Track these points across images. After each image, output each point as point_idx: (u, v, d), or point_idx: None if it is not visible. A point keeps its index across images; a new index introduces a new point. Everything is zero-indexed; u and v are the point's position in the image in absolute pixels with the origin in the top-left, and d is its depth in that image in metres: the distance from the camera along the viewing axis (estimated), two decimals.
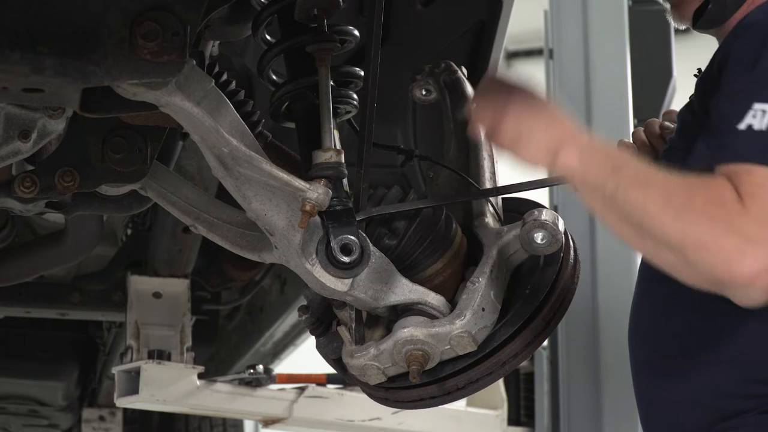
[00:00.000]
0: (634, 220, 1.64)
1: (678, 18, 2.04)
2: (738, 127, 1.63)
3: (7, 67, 1.66)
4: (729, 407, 1.77)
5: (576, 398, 4.28)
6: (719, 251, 1.56)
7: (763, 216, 1.56)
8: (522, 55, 12.31)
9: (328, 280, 1.93)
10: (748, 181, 1.59)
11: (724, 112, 1.69)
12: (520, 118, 1.77)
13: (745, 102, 1.64)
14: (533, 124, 1.76)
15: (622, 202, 1.65)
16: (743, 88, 1.67)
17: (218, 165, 1.92)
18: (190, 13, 1.72)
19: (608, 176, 1.68)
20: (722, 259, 1.56)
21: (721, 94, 1.72)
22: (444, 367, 1.97)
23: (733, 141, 1.64)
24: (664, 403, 1.87)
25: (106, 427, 5.53)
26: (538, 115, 1.77)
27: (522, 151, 1.77)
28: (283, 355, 4.75)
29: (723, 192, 1.60)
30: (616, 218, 1.68)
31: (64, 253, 3.05)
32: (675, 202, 1.61)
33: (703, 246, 1.57)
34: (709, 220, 1.58)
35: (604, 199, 1.68)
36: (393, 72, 2.43)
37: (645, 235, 1.64)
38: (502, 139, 1.79)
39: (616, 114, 4.41)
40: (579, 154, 1.72)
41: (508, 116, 1.77)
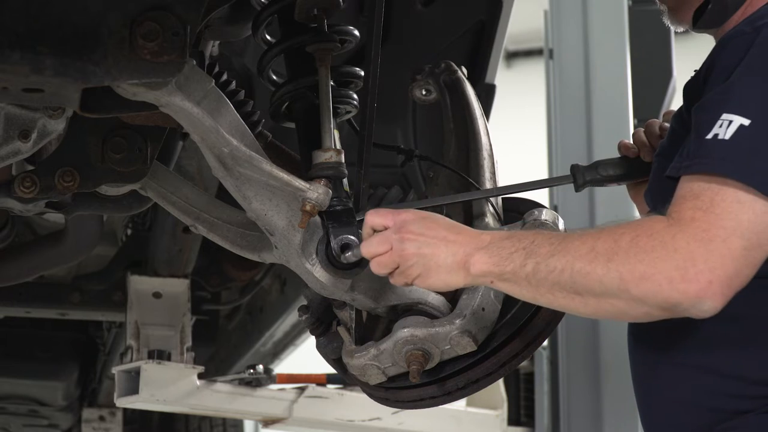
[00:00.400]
0: (567, 286, 1.65)
1: (676, 21, 2.04)
2: (705, 137, 1.65)
3: (7, 67, 1.66)
4: (729, 407, 1.77)
5: (576, 398, 4.28)
6: (660, 277, 1.58)
7: (700, 234, 1.58)
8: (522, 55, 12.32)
9: (328, 280, 1.93)
10: (692, 206, 1.61)
11: (697, 122, 1.71)
12: (418, 251, 1.76)
13: (715, 112, 1.66)
14: (433, 251, 1.75)
15: (548, 274, 1.66)
16: (716, 99, 1.68)
17: (218, 165, 1.92)
18: (190, 13, 1.72)
19: (524, 260, 1.68)
20: (665, 282, 1.58)
21: (698, 104, 1.73)
22: (444, 367, 1.97)
23: (698, 150, 1.66)
24: (664, 403, 1.87)
25: (106, 427, 5.53)
26: (433, 238, 1.76)
27: (435, 281, 1.77)
28: (283, 355, 4.75)
29: (651, 224, 1.62)
30: (550, 293, 1.68)
31: (64, 253, 3.05)
32: (601, 250, 1.63)
33: (643, 277, 1.59)
34: (640, 253, 1.60)
35: (530, 282, 1.68)
36: (393, 72, 2.43)
37: (584, 293, 1.64)
38: (411, 278, 1.78)
39: (616, 114, 4.41)
40: (487, 256, 1.72)
41: (406, 255, 1.76)
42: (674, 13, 2.03)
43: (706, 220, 1.59)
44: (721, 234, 1.58)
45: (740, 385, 1.76)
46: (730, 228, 1.58)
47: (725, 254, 1.57)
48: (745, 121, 1.62)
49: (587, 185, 2.09)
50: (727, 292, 1.58)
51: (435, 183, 2.27)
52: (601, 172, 2.09)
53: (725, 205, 1.59)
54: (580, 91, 4.47)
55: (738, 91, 1.67)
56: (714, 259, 1.57)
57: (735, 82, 1.68)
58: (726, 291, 1.58)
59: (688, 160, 1.67)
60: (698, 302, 1.58)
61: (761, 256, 1.60)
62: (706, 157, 1.63)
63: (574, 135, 4.43)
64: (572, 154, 4.36)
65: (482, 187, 2.16)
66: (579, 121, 4.43)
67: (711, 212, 1.59)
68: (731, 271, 1.57)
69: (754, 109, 1.63)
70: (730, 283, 1.58)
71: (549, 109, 4.61)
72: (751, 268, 1.60)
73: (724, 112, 1.64)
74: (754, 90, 1.66)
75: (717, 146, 1.63)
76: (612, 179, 2.10)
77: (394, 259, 1.77)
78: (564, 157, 4.42)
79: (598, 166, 2.10)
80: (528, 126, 8.77)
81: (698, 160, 1.65)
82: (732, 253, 1.57)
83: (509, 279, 1.70)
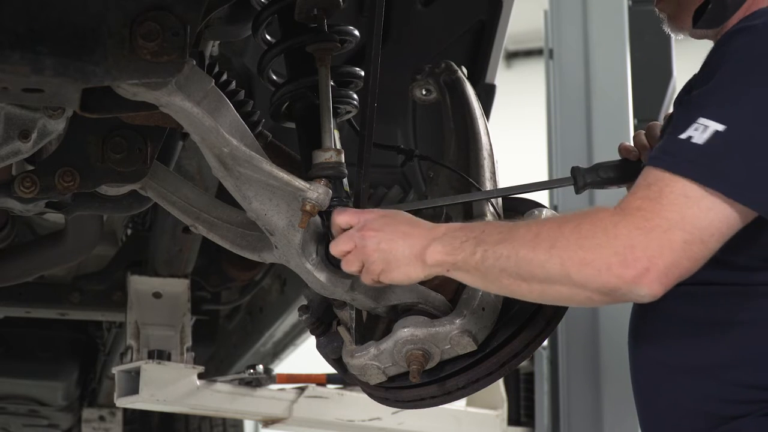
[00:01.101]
0: (513, 272, 1.69)
1: (675, 28, 2.04)
2: (678, 136, 1.66)
3: (7, 67, 1.66)
4: (726, 412, 1.77)
5: (576, 398, 4.28)
6: (600, 262, 1.61)
7: (641, 223, 1.60)
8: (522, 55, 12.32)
9: (329, 280, 1.93)
10: (641, 195, 1.64)
11: (676, 118, 1.72)
12: (378, 247, 1.81)
13: (693, 114, 1.67)
14: (391, 246, 1.80)
15: (495, 261, 1.70)
16: (696, 101, 1.70)
17: (218, 165, 1.92)
18: (190, 13, 1.72)
19: (474, 248, 1.73)
20: (604, 268, 1.61)
21: (683, 99, 1.74)
22: (444, 367, 1.97)
23: (669, 147, 1.67)
24: (662, 408, 1.87)
25: (106, 427, 5.53)
26: (392, 233, 1.81)
27: (396, 275, 1.81)
28: (283, 355, 4.75)
29: (595, 213, 1.66)
30: (498, 280, 1.72)
31: (64, 253, 3.05)
32: (544, 237, 1.66)
33: (584, 263, 1.62)
34: (581, 239, 1.63)
35: (479, 269, 1.72)
36: (393, 72, 2.43)
37: (529, 279, 1.68)
38: (376, 275, 1.82)
39: (616, 114, 4.41)
40: (441, 246, 1.76)
41: (367, 251, 1.81)
42: (673, 20, 2.03)
43: (650, 210, 1.61)
44: (663, 225, 1.60)
45: (736, 391, 1.76)
46: (673, 220, 1.60)
47: (665, 245, 1.59)
48: (720, 127, 1.64)
49: (588, 187, 2.09)
50: (665, 281, 1.60)
51: (435, 183, 2.27)
52: (601, 174, 2.09)
53: (672, 198, 1.61)
54: (580, 91, 4.47)
55: (717, 96, 1.68)
56: (653, 247, 1.59)
57: (716, 87, 1.70)
58: (663, 280, 1.60)
59: (657, 152, 1.69)
60: (635, 287, 1.60)
61: (703, 252, 1.61)
62: (675, 155, 1.65)
63: (574, 135, 4.43)
64: (572, 154, 4.37)
65: (482, 187, 2.16)
66: (579, 121, 4.43)
67: (657, 202, 1.62)
68: (669, 261, 1.59)
69: (730, 116, 1.65)
70: (667, 272, 1.60)
71: (549, 109, 4.61)
72: (692, 261, 1.61)
73: (701, 116, 1.66)
74: (734, 96, 1.67)
75: (688, 148, 1.64)
76: (612, 181, 2.10)
77: (358, 256, 1.82)
78: (564, 157, 4.42)
79: (599, 168, 2.10)
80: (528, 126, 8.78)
81: (666, 156, 1.66)
82: (672, 245, 1.59)
83: (462, 267, 1.75)
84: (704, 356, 1.80)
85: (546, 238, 1.66)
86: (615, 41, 4.49)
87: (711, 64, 1.77)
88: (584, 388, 4.26)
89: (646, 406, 1.92)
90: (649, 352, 1.89)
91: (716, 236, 1.62)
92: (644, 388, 1.92)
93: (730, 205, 1.61)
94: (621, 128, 4.35)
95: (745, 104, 1.66)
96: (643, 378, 1.92)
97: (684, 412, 1.82)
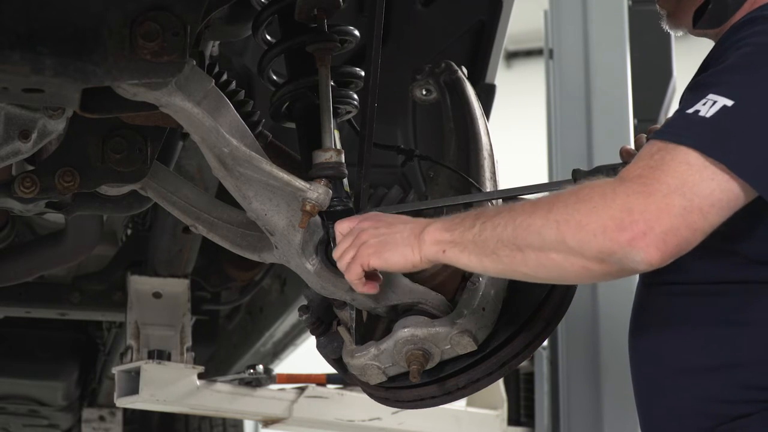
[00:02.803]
0: (509, 241, 1.66)
1: (674, 25, 2.04)
2: (686, 111, 1.65)
3: (8, 67, 1.66)
4: (728, 413, 1.76)
5: (576, 398, 4.28)
6: (595, 225, 1.57)
7: (640, 188, 1.57)
8: (522, 55, 12.33)
9: (329, 280, 1.93)
10: (643, 165, 1.61)
11: (683, 100, 1.71)
12: (376, 231, 1.80)
13: (703, 91, 1.66)
14: (391, 230, 1.79)
15: (492, 231, 1.68)
16: (705, 81, 1.69)
17: (218, 165, 1.92)
18: (190, 13, 1.72)
19: (474, 221, 1.71)
20: (600, 231, 1.57)
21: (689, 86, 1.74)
22: (444, 367, 1.97)
23: (675, 121, 1.66)
24: (663, 409, 1.87)
25: (106, 427, 5.53)
26: (392, 222, 1.81)
27: (388, 255, 1.78)
28: (283, 355, 4.75)
29: (594, 182, 1.63)
30: (494, 254, 1.69)
31: (64, 253, 3.05)
32: (542, 204, 1.65)
33: (579, 226, 1.59)
34: (578, 203, 1.60)
35: (476, 243, 1.70)
36: (393, 72, 2.44)
37: (524, 248, 1.65)
38: (367, 257, 1.79)
39: (616, 114, 4.41)
40: (440, 224, 1.75)
41: (363, 236, 1.80)
42: (673, 17, 2.03)
43: (650, 176, 1.58)
44: (663, 189, 1.57)
45: (738, 392, 1.76)
46: (673, 185, 1.57)
47: (663, 209, 1.56)
48: (728, 102, 1.62)
49: None
50: (662, 248, 1.56)
51: (435, 183, 2.27)
52: (602, 176, 2.09)
53: (674, 165, 1.59)
54: (580, 91, 4.47)
55: (727, 75, 1.67)
56: (651, 211, 1.55)
57: (728, 66, 1.69)
58: (660, 246, 1.56)
59: (663, 127, 1.68)
60: (631, 252, 1.56)
61: (702, 223, 1.58)
62: (683, 128, 1.63)
63: (574, 135, 4.43)
64: (572, 154, 4.37)
65: (482, 187, 2.16)
66: (579, 121, 4.43)
67: (658, 169, 1.59)
68: (667, 226, 1.55)
69: (740, 93, 1.63)
70: (665, 238, 1.56)
71: (549, 109, 4.61)
72: (690, 231, 1.57)
73: (710, 93, 1.64)
74: (744, 75, 1.66)
75: (695, 121, 1.62)
76: None
77: (354, 246, 1.80)
78: (564, 157, 4.42)
79: (600, 170, 2.10)
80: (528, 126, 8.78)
81: (671, 128, 1.64)
82: (670, 209, 1.56)
83: (459, 243, 1.72)
84: (707, 356, 1.79)
85: (544, 204, 1.64)
86: (615, 41, 4.49)
87: (721, 53, 1.76)
88: (584, 388, 4.26)
89: (647, 407, 1.91)
90: (649, 352, 1.89)
91: (716, 208, 1.58)
92: (645, 388, 1.91)
93: (732, 178, 1.58)
94: (621, 128, 4.35)
95: (756, 83, 1.64)
96: (644, 378, 1.91)
97: (687, 413, 1.82)
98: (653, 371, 1.88)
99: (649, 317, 1.90)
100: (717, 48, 1.82)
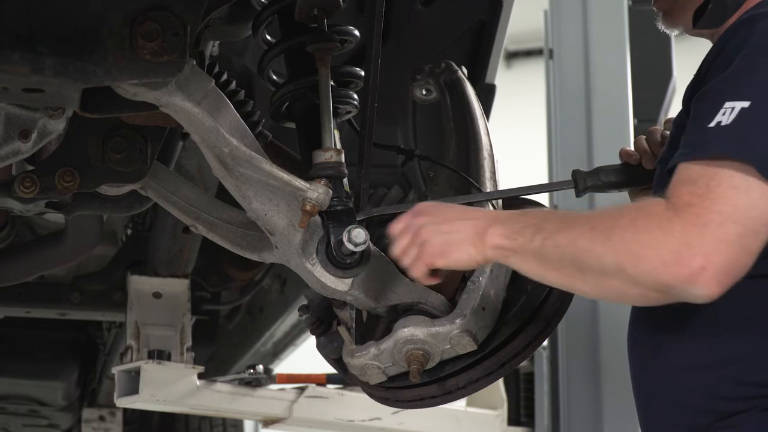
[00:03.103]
0: (569, 261, 1.66)
1: (670, 24, 2.04)
2: (707, 126, 1.65)
3: (8, 67, 1.66)
4: (725, 409, 1.77)
5: (576, 398, 4.28)
6: (656, 259, 1.58)
7: (694, 219, 1.58)
8: (522, 55, 12.33)
9: (329, 280, 1.93)
10: (688, 191, 1.61)
11: (697, 112, 1.71)
12: (439, 228, 1.78)
13: (717, 101, 1.66)
14: (453, 227, 1.78)
15: (553, 249, 1.68)
16: (717, 88, 1.69)
17: (218, 165, 1.92)
18: (190, 13, 1.72)
19: (534, 235, 1.70)
20: (660, 265, 1.58)
21: (698, 95, 1.74)
22: (444, 367, 1.97)
23: (700, 138, 1.66)
24: (661, 405, 1.87)
25: (106, 427, 5.53)
26: (450, 218, 1.79)
27: (457, 255, 1.77)
28: (283, 355, 4.75)
29: (650, 207, 1.63)
30: (555, 270, 1.69)
31: (64, 253, 3.05)
32: (601, 228, 1.64)
33: (639, 258, 1.60)
34: (638, 233, 1.61)
35: (537, 257, 1.70)
36: (393, 72, 2.43)
37: (585, 271, 1.66)
38: (432, 256, 1.79)
39: (616, 114, 4.41)
40: (502, 229, 1.74)
41: (425, 233, 1.79)
42: (669, 16, 2.03)
43: (701, 206, 1.59)
44: (717, 219, 1.57)
45: (735, 388, 1.76)
46: (726, 213, 1.57)
47: (720, 239, 1.56)
48: (745, 103, 1.63)
49: (588, 191, 2.09)
50: (723, 280, 1.57)
51: (435, 183, 2.26)
52: (602, 178, 2.09)
53: (720, 191, 1.59)
54: (580, 91, 4.47)
55: (738, 78, 1.67)
56: (708, 243, 1.56)
57: (736, 71, 1.69)
58: (721, 278, 1.57)
59: (687, 148, 1.67)
60: (690, 287, 1.58)
61: (757, 243, 1.59)
62: (708, 143, 1.63)
63: (574, 135, 4.43)
64: (572, 154, 4.37)
65: (482, 187, 2.16)
66: (579, 121, 4.43)
67: (707, 197, 1.59)
68: (726, 257, 1.56)
69: (754, 92, 1.64)
70: (725, 269, 1.57)
71: (549, 109, 4.61)
72: (748, 255, 1.58)
73: (726, 100, 1.65)
74: (754, 75, 1.66)
75: (719, 131, 1.63)
76: (613, 186, 2.10)
77: (415, 242, 1.79)
78: (564, 157, 4.42)
79: (600, 172, 2.10)
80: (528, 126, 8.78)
81: (699, 146, 1.65)
82: (727, 238, 1.56)
83: (520, 253, 1.72)
84: (705, 354, 1.80)
85: (602, 230, 1.64)
86: (615, 41, 4.49)
87: (722, 54, 1.76)
88: (584, 388, 4.26)
89: (646, 404, 1.92)
90: (648, 350, 1.89)
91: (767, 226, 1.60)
92: (643, 386, 1.92)
93: None
94: (621, 128, 4.35)
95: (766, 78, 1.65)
96: (643, 376, 1.91)
97: (683, 410, 1.82)
98: (651, 368, 1.89)
99: (648, 314, 1.90)
100: (716, 48, 1.82)
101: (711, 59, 1.80)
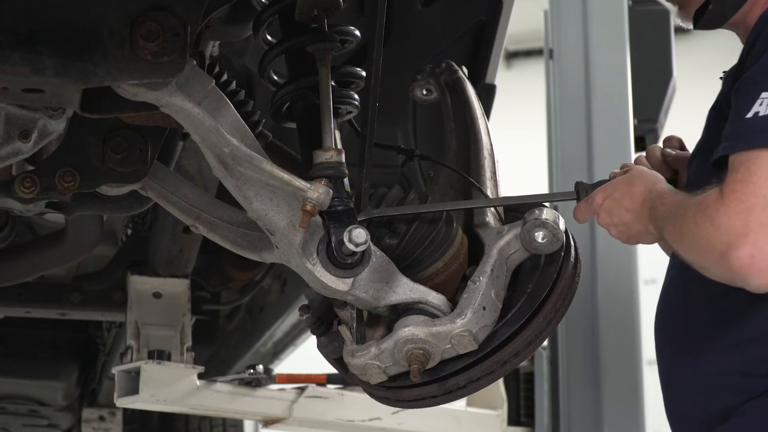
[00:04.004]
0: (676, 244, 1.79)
1: (686, 18, 2.05)
2: (745, 117, 1.67)
3: (8, 68, 1.65)
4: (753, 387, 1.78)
5: (576, 398, 4.28)
6: (714, 252, 1.65)
7: (738, 207, 1.62)
8: (522, 55, 12.33)
9: (329, 280, 1.93)
10: (731, 179, 1.66)
11: (736, 104, 1.73)
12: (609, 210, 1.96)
13: (753, 92, 1.68)
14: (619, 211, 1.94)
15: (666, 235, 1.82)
16: (752, 79, 1.70)
17: (219, 165, 1.92)
18: (191, 14, 1.72)
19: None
20: (718, 258, 1.64)
21: (736, 86, 1.75)
22: (445, 366, 1.97)
23: (740, 129, 1.69)
24: (687, 384, 1.89)
25: (106, 427, 5.53)
26: (619, 200, 1.94)
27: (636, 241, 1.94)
28: (283, 355, 4.75)
29: (706, 199, 1.69)
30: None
31: (64, 253, 3.05)
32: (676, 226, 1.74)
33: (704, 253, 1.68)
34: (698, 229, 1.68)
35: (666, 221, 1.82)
36: (394, 72, 2.43)
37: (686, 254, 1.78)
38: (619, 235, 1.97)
39: (616, 114, 4.41)
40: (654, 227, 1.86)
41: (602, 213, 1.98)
42: (683, 10, 2.05)
43: (743, 191, 1.63)
44: (760, 203, 1.61)
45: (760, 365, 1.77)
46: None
47: (765, 223, 1.60)
48: None
49: None
50: None
51: (435, 183, 2.27)
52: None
53: (761, 173, 1.63)
54: (580, 91, 4.47)
55: None
56: (754, 231, 1.60)
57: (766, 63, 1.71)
58: None
59: (729, 140, 1.71)
60: (745, 278, 1.63)
61: None
62: (747, 134, 1.67)
63: (574, 135, 4.43)
64: (572, 154, 4.37)
65: (483, 187, 2.16)
66: (579, 121, 4.43)
67: (748, 182, 1.63)
68: None
69: None
70: None
71: (549, 109, 4.61)
72: None
73: (763, 90, 1.67)
74: None
75: (758, 122, 1.66)
76: None
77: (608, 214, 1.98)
78: (564, 157, 4.42)
79: (602, 184, 2.10)
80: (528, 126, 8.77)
81: (740, 138, 1.68)
82: None
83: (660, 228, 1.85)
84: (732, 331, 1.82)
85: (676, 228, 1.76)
86: (615, 41, 4.49)
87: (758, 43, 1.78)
88: (584, 388, 4.26)
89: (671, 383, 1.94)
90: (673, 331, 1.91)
91: None
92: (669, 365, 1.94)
93: None
94: (621, 128, 4.35)
95: None
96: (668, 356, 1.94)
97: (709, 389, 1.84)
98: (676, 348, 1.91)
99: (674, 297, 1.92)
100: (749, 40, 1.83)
101: (747, 50, 1.82)
